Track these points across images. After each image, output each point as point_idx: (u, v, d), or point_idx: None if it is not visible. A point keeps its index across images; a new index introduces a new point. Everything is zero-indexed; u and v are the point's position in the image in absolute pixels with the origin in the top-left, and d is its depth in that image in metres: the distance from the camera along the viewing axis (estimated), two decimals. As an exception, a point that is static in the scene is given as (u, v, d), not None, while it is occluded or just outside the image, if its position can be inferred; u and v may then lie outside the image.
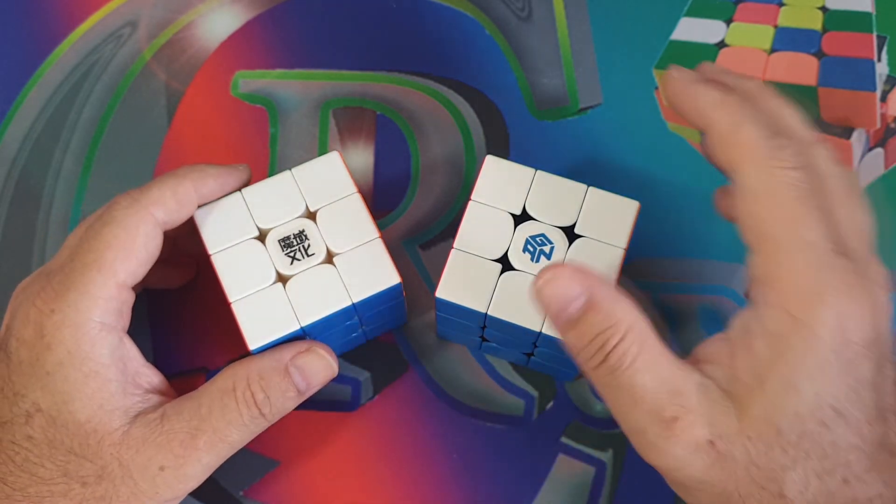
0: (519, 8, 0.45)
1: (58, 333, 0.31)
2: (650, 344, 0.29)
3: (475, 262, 0.33)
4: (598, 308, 0.29)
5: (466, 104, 0.43)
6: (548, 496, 0.37)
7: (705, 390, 0.29)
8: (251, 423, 0.32)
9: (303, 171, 0.35)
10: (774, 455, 0.28)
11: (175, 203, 0.33)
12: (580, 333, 0.29)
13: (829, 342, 0.28)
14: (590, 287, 0.29)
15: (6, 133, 0.43)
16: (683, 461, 0.28)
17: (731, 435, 0.28)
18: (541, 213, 0.34)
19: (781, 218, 0.28)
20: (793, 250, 0.28)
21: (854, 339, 0.28)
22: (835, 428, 0.28)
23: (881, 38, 0.45)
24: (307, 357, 0.33)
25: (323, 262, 0.33)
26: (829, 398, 0.28)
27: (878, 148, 0.43)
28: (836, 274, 0.28)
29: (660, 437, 0.28)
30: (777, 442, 0.28)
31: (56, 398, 0.31)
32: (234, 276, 0.33)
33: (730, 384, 0.29)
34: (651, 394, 0.28)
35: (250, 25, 0.45)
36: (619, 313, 0.29)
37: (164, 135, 0.43)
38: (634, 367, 0.28)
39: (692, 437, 0.28)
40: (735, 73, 0.33)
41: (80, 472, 0.30)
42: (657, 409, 0.28)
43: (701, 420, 0.28)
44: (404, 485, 0.38)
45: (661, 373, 0.29)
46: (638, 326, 0.29)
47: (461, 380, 0.39)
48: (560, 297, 0.29)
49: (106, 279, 0.31)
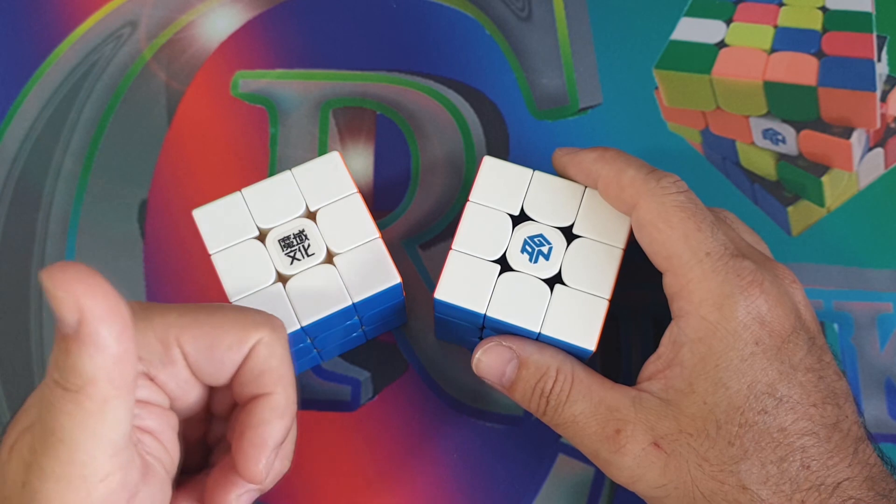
0: (519, 8, 0.45)
1: None
2: (581, 377, 0.32)
3: (474, 263, 0.33)
4: (527, 363, 0.33)
5: (466, 104, 0.43)
6: (548, 496, 0.37)
7: (641, 401, 0.31)
8: (66, 404, 0.24)
9: (303, 171, 0.35)
10: (721, 448, 0.29)
11: None
12: (523, 389, 0.33)
13: (749, 336, 0.30)
14: (517, 349, 0.33)
15: (6, 133, 0.43)
16: (638, 469, 0.30)
17: (671, 434, 0.30)
18: (539, 213, 0.34)
19: (678, 237, 0.31)
20: (694, 262, 0.31)
21: (776, 329, 0.30)
22: (777, 414, 0.29)
23: (881, 38, 0.45)
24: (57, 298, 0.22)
25: (323, 262, 0.33)
26: (762, 387, 0.29)
27: (878, 148, 0.43)
28: (739, 273, 0.30)
29: (611, 453, 0.31)
30: (719, 435, 0.29)
31: None
32: (235, 275, 0.33)
33: (665, 393, 0.31)
34: (591, 417, 0.31)
35: (250, 25, 0.45)
36: (547, 360, 0.32)
37: (164, 135, 0.43)
38: (570, 399, 0.32)
39: (636, 444, 0.30)
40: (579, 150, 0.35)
41: None
42: (600, 429, 0.31)
43: (641, 427, 0.31)
44: (404, 485, 0.38)
45: (596, 397, 0.32)
46: (564, 367, 0.32)
47: (461, 380, 0.39)
48: (495, 366, 0.33)
49: None
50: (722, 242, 0.31)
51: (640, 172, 0.32)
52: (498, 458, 0.38)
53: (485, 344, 0.33)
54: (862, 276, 0.41)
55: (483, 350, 0.33)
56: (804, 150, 0.43)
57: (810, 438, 0.29)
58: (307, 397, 0.39)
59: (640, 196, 0.32)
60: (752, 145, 0.43)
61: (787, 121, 0.43)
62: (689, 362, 0.30)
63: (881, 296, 0.40)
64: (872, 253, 0.41)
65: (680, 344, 0.31)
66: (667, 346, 0.32)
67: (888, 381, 0.39)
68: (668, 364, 0.31)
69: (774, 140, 0.43)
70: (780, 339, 0.30)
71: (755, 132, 0.43)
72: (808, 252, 0.41)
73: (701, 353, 0.30)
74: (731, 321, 0.30)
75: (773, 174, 0.42)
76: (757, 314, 0.30)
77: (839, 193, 0.42)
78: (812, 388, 0.30)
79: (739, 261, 0.31)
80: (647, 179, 0.32)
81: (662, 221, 0.31)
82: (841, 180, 0.42)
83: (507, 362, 0.33)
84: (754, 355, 0.30)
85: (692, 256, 0.31)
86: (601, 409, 0.31)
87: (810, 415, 0.29)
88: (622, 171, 0.32)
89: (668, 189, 0.32)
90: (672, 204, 0.31)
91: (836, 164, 0.43)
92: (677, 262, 0.31)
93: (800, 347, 0.30)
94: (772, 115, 0.43)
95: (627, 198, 0.32)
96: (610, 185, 0.33)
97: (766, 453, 0.29)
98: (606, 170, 0.33)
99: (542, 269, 0.33)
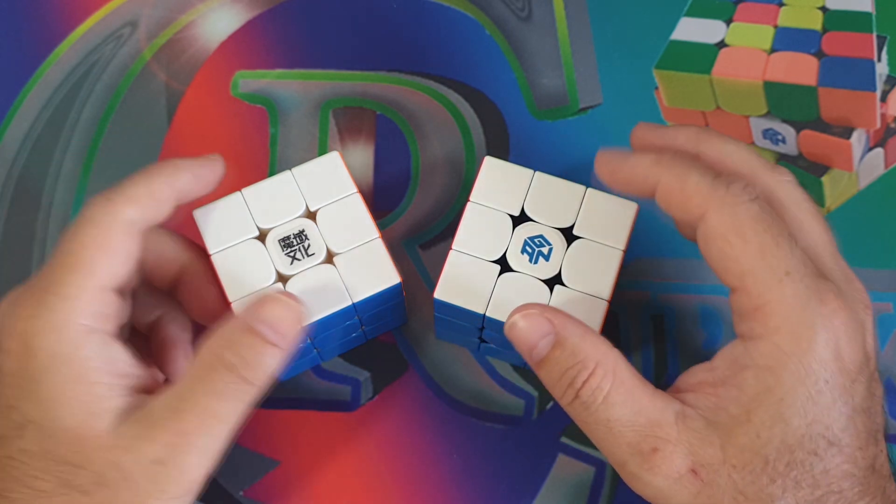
0: (519, 8, 0.45)
1: (40, 339, 0.30)
2: (623, 377, 0.29)
3: (474, 264, 0.33)
4: (564, 345, 0.30)
5: (466, 104, 0.43)
6: (548, 496, 0.37)
7: (686, 419, 0.29)
8: (236, 392, 0.30)
9: (303, 171, 0.35)
10: (762, 484, 0.28)
11: (150, 199, 0.31)
12: (549, 370, 0.30)
13: (822, 373, 0.28)
14: (558, 325, 0.30)
15: (6, 133, 0.43)
16: (667, 491, 0.28)
17: (714, 464, 0.28)
18: (539, 214, 0.34)
19: (753, 252, 0.28)
20: (772, 281, 0.28)
21: (847, 367, 0.28)
22: (827, 457, 0.28)
23: (881, 38, 0.45)
24: (268, 307, 0.30)
25: (323, 262, 0.33)
26: (820, 428, 0.28)
27: (878, 148, 0.43)
28: (822, 299, 0.28)
29: (641, 469, 0.29)
30: (764, 471, 0.28)
31: (43, 406, 0.29)
32: (234, 276, 0.33)
33: (714, 414, 0.29)
34: (628, 427, 0.29)
35: (250, 25, 0.45)
36: (588, 349, 0.29)
37: (164, 135, 0.43)
38: (608, 401, 0.29)
39: (673, 467, 0.28)
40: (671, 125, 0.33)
41: (78, 481, 0.29)
42: (635, 441, 0.29)
43: (681, 450, 0.28)
44: (404, 485, 0.38)
45: (637, 405, 0.29)
46: (608, 361, 0.29)
47: (461, 380, 0.39)
48: (530, 335, 0.30)
49: (84, 280, 0.30)
50: (802, 259, 0.28)
51: (706, 178, 0.29)
52: (498, 458, 0.38)
53: (526, 308, 0.31)
54: (862, 276, 0.41)
55: (522, 315, 0.30)
56: (804, 150, 0.43)
57: (849, 481, 0.28)
58: (307, 397, 0.39)
59: (709, 205, 0.29)
60: (752, 145, 0.43)
61: (787, 121, 0.43)
62: (752, 389, 0.28)
63: (881, 296, 0.40)
64: (872, 253, 0.41)
65: (742, 366, 0.28)
66: (724, 362, 0.29)
67: (888, 381, 0.39)
68: (723, 382, 0.29)
69: (774, 140, 0.43)
70: (848, 379, 0.28)
71: (755, 132, 0.43)
72: (808, 252, 0.41)
73: (768, 383, 0.28)
74: (808, 356, 0.27)
75: (773, 174, 0.42)
76: (835, 349, 0.28)
77: (839, 193, 0.42)
78: (863, 429, 0.28)
79: (822, 283, 0.28)
80: (714, 186, 0.29)
81: (735, 234, 0.28)
82: (841, 180, 0.42)
83: (543, 336, 0.30)
84: (821, 393, 0.28)
85: (770, 275, 0.28)
86: (640, 420, 0.29)
87: (855, 458, 0.28)
88: (685, 177, 0.30)
89: (739, 197, 0.29)
90: (746, 215, 0.28)
91: (836, 164, 0.43)
92: (752, 280, 0.28)
93: (862, 385, 0.28)
94: (772, 115, 0.43)
95: (694, 207, 0.29)
96: (672, 193, 0.30)
97: (804, 493, 0.28)
98: (667, 176, 0.30)
99: (542, 270, 0.33)
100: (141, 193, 0.31)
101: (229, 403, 0.30)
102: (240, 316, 0.31)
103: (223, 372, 0.30)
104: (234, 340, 0.30)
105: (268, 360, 0.30)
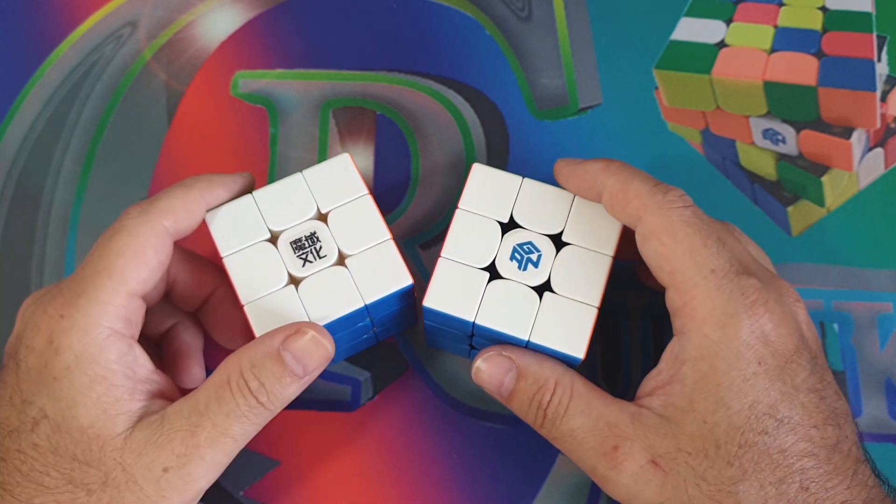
0: (519, 8, 0.45)
1: (66, 338, 0.31)
2: (580, 391, 0.32)
3: (463, 271, 0.33)
4: (526, 374, 0.32)
5: (466, 104, 0.43)
6: (548, 496, 0.37)
7: (640, 418, 0.31)
8: (251, 414, 0.31)
9: (314, 174, 0.35)
10: (720, 468, 0.29)
11: (184, 211, 0.33)
12: (520, 401, 0.33)
13: (752, 356, 0.29)
14: (517, 359, 0.32)
15: (6, 133, 0.43)
16: (635, 487, 0.30)
17: (670, 453, 0.30)
18: (528, 220, 0.34)
19: (683, 251, 0.30)
20: (699, 278, 0.30)
21: (779, 349, 0.30)
22: (778, 435, 0.29)
23: (881, 38, 0.45)
24: (298, 340, 0.32)
25: (335, 264, 0.33)
26: (763, 408, 0.29)
27: (878, 148, 0.43)
28: (744, 292, 0.30)
29: (608, 469, 0.31)
30: (718, 455, 0.29)
31: (61, 403, 0.30)
32: (247, 278, 0.33)
33: (665, 410, 0.31)
34: (589, 433, 0.31)
35: (250, 25, 0.45)
36: (546, 373, 0.32)
37: (164, 135, 0.43)
38: (569, 413, 0.31)
39: (634, 461, 0.30)
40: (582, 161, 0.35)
41: (84, 479, 0.30)
42: (598, 444, 0.31)
43: (639, 444, 0.30)
44: (404, 484, 0.38)
45: (595, 412, 0.31)
46: (564, 380, 0.32)
47: (461, 380, 0.39)
48: (494, 374, 0.33)
49: (116, 286, 0.31)
50: (727, 259, 0.30)
51: (646, 185, 0.32)
52: (498, 458, 0.38)
53: (485, 353, 0.33)
54: (862, 276, 0.41)
55: (483, 359, 0.33)
56: (804, 150, 0.43)
57: (810, 460, 0.29)
58: (307, 397, 0.39)
59: (646, 208, 0.31)
60: (752, 145, 0.43)
61: (787, 121, 0.43)
62: (691, 380, 0.30)
63: (881, 296, 0.40)
64: (872, 253, 0.41)
65: (681, 361, 0.30)
66: (668, 363, 0.31)
67: (888, 382, 0.39)
68: (669, 380, 0.31)
69: (774, 140, 0.43)
70: (783, 360, 0.30)
71: (755, 132, 0.43)
72: (808, 252, 0.41)
73: (702, 371, 0.30)
74: (735, 340, 0.29)
75: (773, 174, 0.42)
76: (761, 334, 0.30)
77: (839, 193, 0.42)
78: (813, 408, 0.29)
79: (745, 278, 0.30)
80: (653, 192, 0.31)
81: (668, 235, 0.31)
82: (841, 180, 0.42)
83: (505, 372, 0.32)
84: (756, 375, 0.29)
85: (697, 273, 0.30)
86: (599, 425, 0.31)
87: (811, 436, 0.29)
88: (628, 183, 0.32)
89: (674, 203, 0.31)
90: (678, 218, 0.31)
91: (836, 164, 0.43)
92: (681, 277, 0.30)
93: (802, 368, 0.30)
94: (772, 115, 0.43)
95: (633, 210, 0.32)
96: (615, 196, 0.32)
97: (765, 474, 0.29)
98: (612, 181, 0.32)
99: (532, 277, 0.33)
100: (177, 206, 0.33)
101: (243, 425, 0.31)
102: (270, 340, 0.32)
103: (243, 394, 0.31)
104: (259, 365, 0.31)
105: (288, 390, 0.32)
